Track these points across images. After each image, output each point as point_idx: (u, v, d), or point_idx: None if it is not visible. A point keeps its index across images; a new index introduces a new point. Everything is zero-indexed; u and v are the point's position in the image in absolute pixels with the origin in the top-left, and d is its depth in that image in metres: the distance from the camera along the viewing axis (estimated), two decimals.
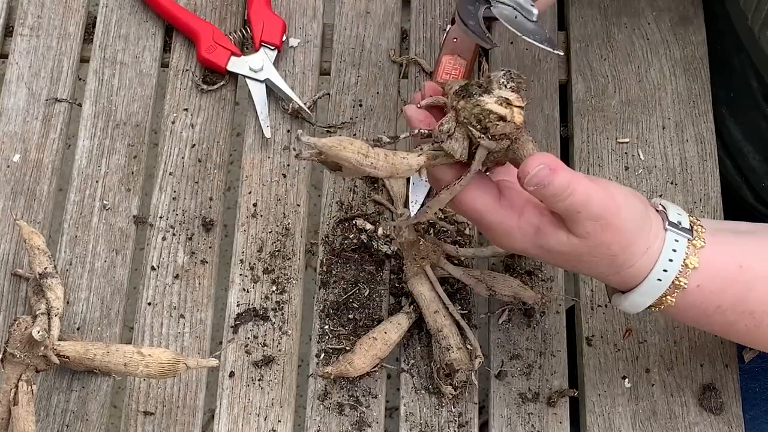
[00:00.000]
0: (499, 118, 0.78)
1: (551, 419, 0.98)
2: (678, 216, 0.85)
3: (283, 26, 1.14)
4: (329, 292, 1.03)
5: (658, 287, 0.83)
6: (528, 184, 0.78)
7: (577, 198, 0.78)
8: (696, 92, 1.12)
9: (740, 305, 0.85)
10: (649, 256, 0.83)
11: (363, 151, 0.79)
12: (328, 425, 0.98)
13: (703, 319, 0.86)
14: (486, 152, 0.80)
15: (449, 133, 0.80)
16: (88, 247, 1.04)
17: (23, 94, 1.11)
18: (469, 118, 0.79)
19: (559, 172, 0.78)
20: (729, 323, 0.86)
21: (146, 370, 0.87)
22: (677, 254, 0.83)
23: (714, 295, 0.84)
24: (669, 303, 0.84)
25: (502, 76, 0.80)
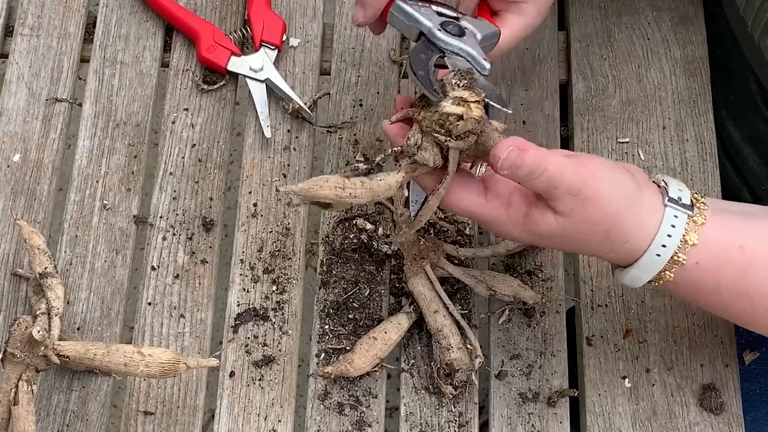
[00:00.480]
0: (458, 117, 0.80)
1: (551, 419, 0.98)
2: (679, 192, 0.85)
3: (284, 26, 1.14)
4: (329, 292, 1.03)
5: (657, 262, 0.84)
6: (501, 167, 0.80)
7: (550, 172, 0.80)
8: (696, 92, 1.12)
9: (738, 286, 0.85)
10: (646, 230, 0.83)
11: (339, 185, 0.82)
12: (328, 425, 0.98)
13: (702, 297, 0.87)
14: (457, 153, 0.83)
15: (417, 144, 0.83)
16: (88, 247, 1.04)
17: (23, 94, 1.11)
18: (432, 126, 0.82)
19: (529, 150, 0.80)
20: (726, 304, 0.86)
21: (146, 370, 0.87)
22: (676, 230, 0.83)
23: (712, 274, 0.84)
24: (668, 278, 0.84)
25: (452, 78, 0.82)
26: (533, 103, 1.12)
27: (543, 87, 1.13)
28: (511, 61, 1.14)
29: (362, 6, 0.91)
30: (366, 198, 0.83)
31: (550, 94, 1.13)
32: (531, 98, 1.12)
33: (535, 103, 1.12)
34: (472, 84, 0.82)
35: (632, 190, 0.83)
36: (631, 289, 1.03)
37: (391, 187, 0.84)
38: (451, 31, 0.87)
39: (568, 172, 0.80)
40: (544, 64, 1.14)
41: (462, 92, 0.81)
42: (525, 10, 0.93)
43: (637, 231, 0.83)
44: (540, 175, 0.80)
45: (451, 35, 0.87)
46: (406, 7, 0.88)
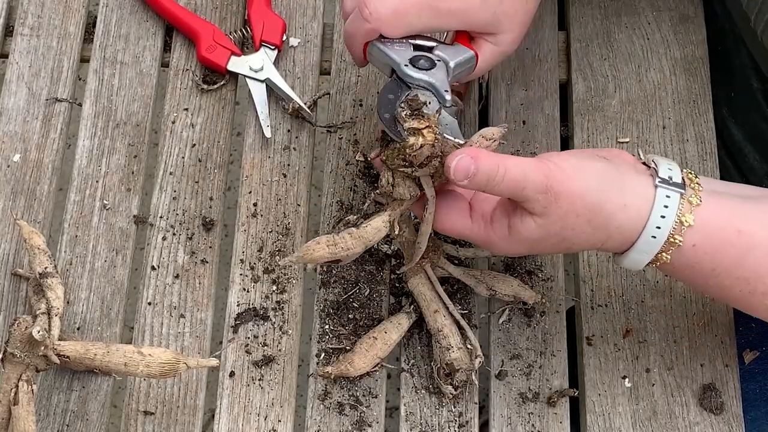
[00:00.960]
0: (413, 147, 0.83)
1: (551, 419, 0.98)
2: (669, 171, 0.85)
3: (284, 26, 1.14)
4: (329, 292, 1.03)
5: (653, 244, 0.84)
6: (455, 177, 0.81)
7: (512, 174, 0.81)
8: (696, 92, 1.12)
9: (736, 270, 0.84)
10: (634, 213, 0.83)
11: (331, 243, 0.87)
12: (328, 425, 0.98)
13: (700, 280, 0.87)
14: (428, 178, 0.86)
15: (390, 183, 0.86)
16: (88, 247, 1.04)
17: (23, 94, 1.11)
18: (395, 162, 0.85)
19: (481, 156, 0.81)
20: (724, 287, 0.86)
21: (146, 370, 0.87)
22: (669, 210, 0.83)
23: (709, 257, 0.84)
24: (665, 260, 0.84)
25: (401, 111, 0.85)
26: (533, 103, 1.12)
27: (543, 87, 1.13)
28: (511, 61, 1.14)
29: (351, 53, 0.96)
30: (359, 247, 0.88)
31: (550, 94, 1.13)
32: (531, 98, 1.12)
33: (535, 103, 1.12)
34: (419, 110, 0.84)
35: (606, 174, 0.83)
36: (631, 289, 1.03)
37: (379, 230, 0.88)
38: (420, 65, 0.90)
39: (529, 170, 0.81)
40: (544, 64, 1.14)
41: (411, 122, 0.84)
42: (500, 40, 0.94)
43: (623, 214, 0.83)
44: (502, 179, 0.80)
45: (419, 69, 0.89)
46: (380, 45, 0.92)
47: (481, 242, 0.88)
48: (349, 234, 0.88)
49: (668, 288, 1.03)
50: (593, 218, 0.83)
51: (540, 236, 0.84)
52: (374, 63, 0.94)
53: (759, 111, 1.08)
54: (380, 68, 0.94)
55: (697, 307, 1.02)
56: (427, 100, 0.87)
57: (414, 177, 0.86)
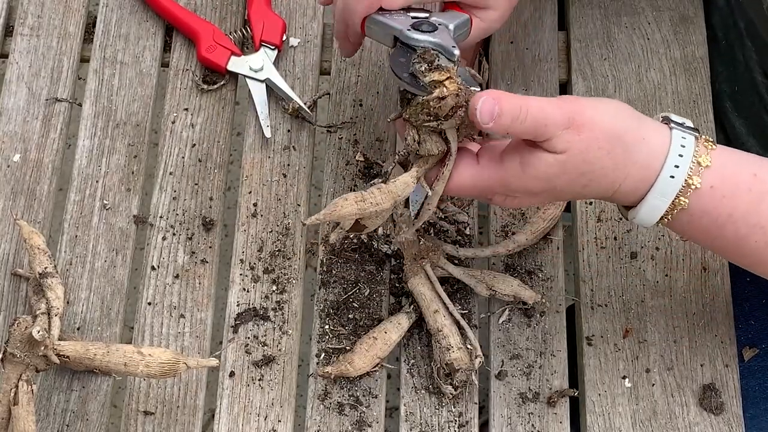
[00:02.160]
0: (438, 100, 0.82)
1: (551, 419, 0.98)
2: (681, 119, 0.86)
3: (284, 26, 1.14)
4: (329, 292, 1.03)
5: (672, 185, 0.83)
6: (481, 120, 0.81)
7: (534, 112, 0.80)
8: (696, 92, 1.12)
9: (752, 217, 0.84)
10: (654, 149, 0.83)
11: (359, 198, 0.85)
12: (328, 425, 0.98)
13: (715, 230, 0.85)
14: (454, 131, 0.84)
15: (416, 140, 0.85)
16: (88, 247, 1.05)
17: (23, 94, 1.11)
18: (419, 118, 0.83)
19: (504, 97, 0.80)
20: (740, 236, 0.85)
21: (146, 370, 0.87)
22: (686, 150, 0.83)
23: (726, 200, 0.84)
24: (683, 205, 0.83)
25: (419, 66, 0.84)
26: None
27: (543, 87, 1.13)
28: (511, 61, 1.14)
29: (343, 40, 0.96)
30: (388, 202, 0.85)
31: (550, 94, 1.13)
32: None
33: None
34: (437, 62, 0.84)
35: (624, 109, 0.84)
36: (631, 288, 1.03)
37: (408, 185, 0.86)
38: (423, 29, 0.89)
39: (551, 107, 0.81)
40: (544, 64, 1.14)
41: (432, 75, 0.83)
42: (486, 16, 0.95)
43: (643, 148, 0.83)
44: (525, 118, 0.80)
45: (422, 32, 0.89)
46: (379, 17, 0.92)
47: (497, 187, 0.86)
48: (378, 189, 0.85)
49: (668, 288, 1.03)
50: (613, 149, 0.82)
51: (557, 172, 0.83)
52: (374, 36, 0.93)
53: (763, 105, 1.08)
54: (381, 40, 0.93)
55: (697, 307, 1.03)
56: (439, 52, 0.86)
57: (440, 131, 0.84)
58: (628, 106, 0.85)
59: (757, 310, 1.10)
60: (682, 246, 1.05)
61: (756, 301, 1.10)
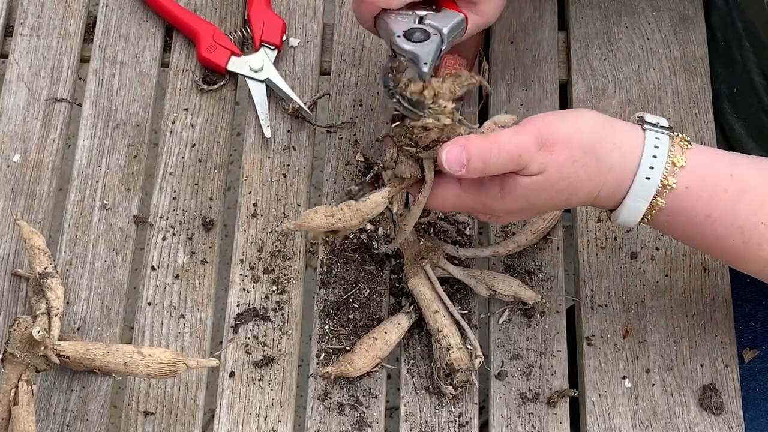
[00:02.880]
0: (422, 129, 0.83)
1: (551, 419, 0.98)
2: (656, 119, 0.86)
3: (283, 26, 1.14)
4: (329, 292, 1.03)
5: (648, 186, 0.83)
6: (450, 169, 0.82)
7: (507, 147, 0.81)
8: (696, 92, 1.12)
9: (729, 216, 0.85)
10: (628, 153, 0.83)
11: (328, 213, 0.87)
12: (328, 425, 0.98)
13: (693, 228, 0.86)
14: (431, 162, 0.85)
15: (393, 159, 0.86)
16: (88, 247, 1.05)
17: (23, 94, 1.11)
18: (402, 140, 0.85)
19: (471, 141, 0.81)
20: (718, 236, 0.86)
21: (146, 370, 0.87)
22: (660, 150, 0.83)
23: (703, 201, 0.84)
24: (660, 206, 0.84)
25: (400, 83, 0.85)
26: (533, 103, 1.12)
27: (543, 87, 1.13)
28: (511, 61, 1.14)
29: None
30: (356, 220, 0.87)
31: (550, 94, 1.13)
32: (531, 98, 1.12)
33: (535, 103, 1.12)
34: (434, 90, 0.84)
35: (594, 117, 0.84)
36: (631, 289, 1.03)
37: (378, 205, 0.88)
38: (415, 38, 0.90)
39: (520, 135, 0.81)
40: (544, 64, 1.14)
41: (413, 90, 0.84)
42: (481, 10, 0.95)
43: (615, 154, 0.83)
44: (498, 156, 0.81)
45: (411, 41, 0.90)
46: (386, 18, 0.92)
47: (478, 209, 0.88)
48: (347, 206, 0.88)
49: (668, 288, 1.03)
50: (587, 160, 0.83)
51: (536, 191, 0.84)
52: (382, 36, 0.95)
53: (761, 107, 1.08)
54: (384, 40, 0.94)
55: (697, 307, 1.03)
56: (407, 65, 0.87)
57: (417, 158, 0.86)
58: (596, 113, 0.85)
59: (758, 311, 1.10)
60: (682, 246, 1.05)
61: (756, 303, 1.10)
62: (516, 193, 0.84)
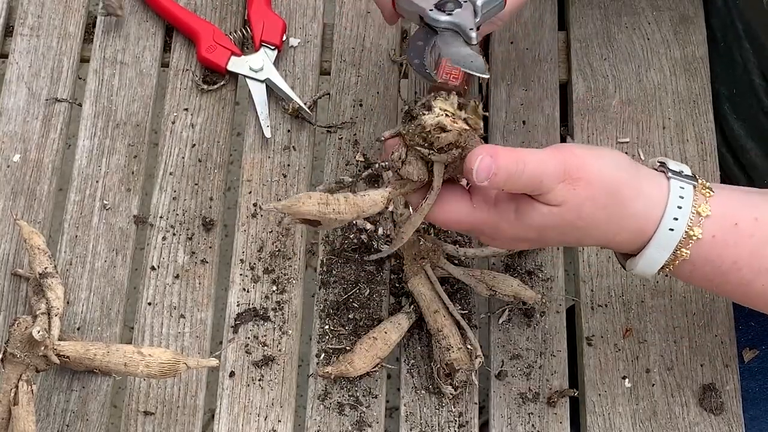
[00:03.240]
0: (440, 129, 0.78)
1: (551, 419, 0.98)
2: (679, 167, 0.83)
3: (284, 26, 1.14)
4: (329, 292, 1.03)
5: (672, 238, 0.81)
6: (477, 179, 0.78)
7: (531, 167, 0.78)
8: (696, 92, 1.12)
9: (757, 261, 0.82)
10: (650, 201, 0.81)
11: (322, 201, 0.80)
12: (328, 425, 0.98)
13: (719, 277, 0.83)
14: (442, 167, 0.81)
15: (402, 159, 0.81)
16: (88, 247, 1.05)
17: (23, 94, 1.11)
18: (415, 139, 0.79)
19: (500, 154, 0.77)
20: (746, 282, 0.83)
21: (146, 370, 0.87)
22: (685, 201, 0.81)
23: (729, 248, 0.82)
24: (684, 256, 0.81)
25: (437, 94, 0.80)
26: (533, 103, 1.12)
27: (543, 87, 1.13)
28: (511, 61, 1.14)
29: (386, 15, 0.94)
30: (351, 214, 0.81)
31: (550, 94, 1.13)
32: (531, 98, 1.12)
33: (535, 103, 1.12)
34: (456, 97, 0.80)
35: (621, 159, 0.81)
36: (631, 289, 1.03)
37: (376, 204, 0.82)
38: (447, 8, 0.86)
39: (548, 160, 0.78)
40: (544, 64, 1.14)
41: (444, 103, 0.79)
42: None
43: (640, 202, 0.80)
44: (521, 175, 0.77)
45: (443, 12, 0.86)
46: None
47: (484, 228, 0.83)
48: (344, 198, 0.81)
49: (668, 288, 1.03)
50: (610, 203, 0.80)
51: (553, 224, 0.81)
52: (403, 14, 0.91)
53: (761, 107, 1.08)
54: (410, 18, 0.91)
55: (697, 307, 1.02)
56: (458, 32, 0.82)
57: (428, 160, 0.81)
58: (624, 156, 0.82)
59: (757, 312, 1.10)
60: None
61: None
62: (531, 220, 0.81)
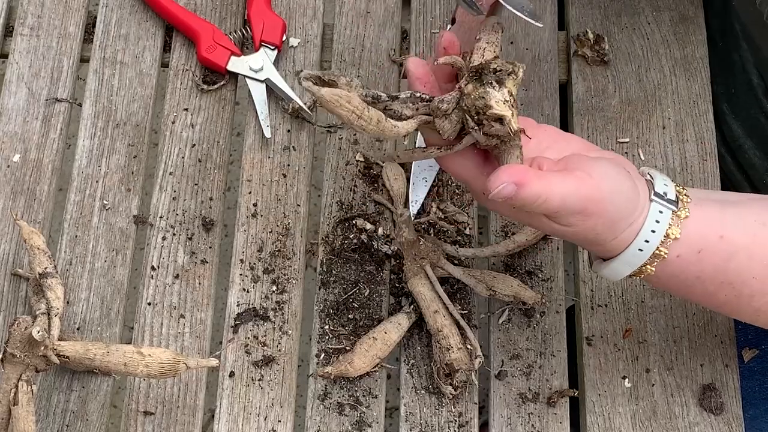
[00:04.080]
0: (497, 119, 0.76)
1: (551, 419, 0.98)
2: (665, 187, 0.84)
3: (284, 26, 1.14)
4: (329, 292, 1.03)
5: (639, 257, 0.83)
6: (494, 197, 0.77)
7: (552, 203, 0.78)
8: (696, 92, 1.12)
9: (720, 276, 0.84)
10: (633, 228, 0.82)
11: (357, 112, 0.77)
12: (328, 425, 0.98)
13: (683, 288, 0.86)
14: (472, 139, 0.79)
15: (445, 111, 0.79)
16: (88, 247, 1.05)
17: (23, 94, 1.11)
18: (470, 107, 0.77)
19: (527, 186, 0.77)
20: (709, 293, 0.86)
21: (146, 370, 0.87)
22: (660, 225, 0.82)
23: (693, 266, 0.84)
24: (649, 272, 0.84)
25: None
26: (533, 103, 1.12)
27: (543, 87, 1.13)
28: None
29: None
30: (373, 133, 0.79)
31: (550, 94, 1.13)
32: (531, 98, 1.12)
33: (535, 103, 1.12)
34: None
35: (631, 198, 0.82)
36: (631, 289, 1.03)
37: (399, 134, 0.80)
38: None
39: (570, 196, 0.78)
40: (544, 64, 1.14)
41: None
42: None
43: (626, 230, 0.83)
44: (540, 205, 0.78)
45: None
46: None
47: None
48: (377, 120, 0.78)
49: None
50: (605, 232, 0.82)
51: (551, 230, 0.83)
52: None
53: (759, 107, 1.08)
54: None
55: (697, 307, 1.02)
56: None
57: (467, 129, 0.79)
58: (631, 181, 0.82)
59: None
60: None
61: None
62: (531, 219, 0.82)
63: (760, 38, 1.04)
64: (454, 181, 1.08)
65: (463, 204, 1.07)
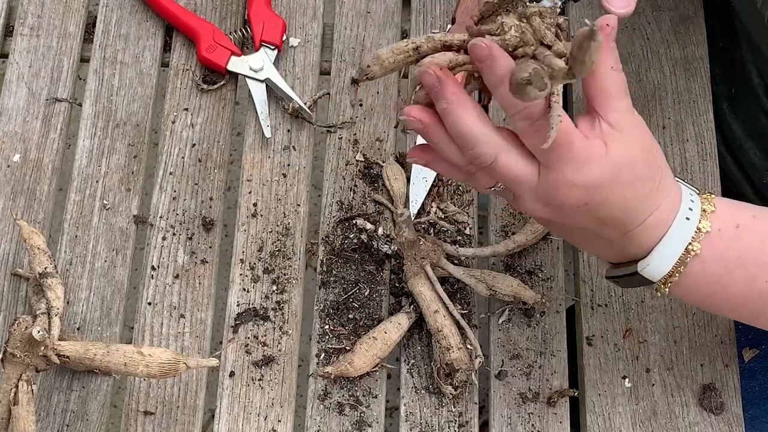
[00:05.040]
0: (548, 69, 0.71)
1: (551, 419, 0.98)
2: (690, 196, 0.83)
3: (284, 26, 1.14)
4: (329, 292, 1.03)
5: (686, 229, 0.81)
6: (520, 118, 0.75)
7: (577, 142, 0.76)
8: (696, 92, 1.12)
9: (760, 255, 0.83)
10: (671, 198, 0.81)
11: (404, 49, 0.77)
12: (328, 425, 0.98)
13: (727, 276, 0.83)
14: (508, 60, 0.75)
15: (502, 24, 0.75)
16: (88, 247, 1.05)
17: (23, 94, 1.11)
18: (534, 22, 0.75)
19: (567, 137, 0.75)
20: (751, 278, 0.83)
21: (146, 370, 0.87)
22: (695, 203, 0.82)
23: (733, 242, 0.82)
24: (696, 251, 0.81)
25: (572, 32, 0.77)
26: None
27: None
28: None
29: None
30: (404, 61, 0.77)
31: None
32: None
33: None
34: None
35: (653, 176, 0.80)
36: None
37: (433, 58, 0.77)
38: None
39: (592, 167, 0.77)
40: None
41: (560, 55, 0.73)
42: None
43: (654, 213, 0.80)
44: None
45: None
46: None
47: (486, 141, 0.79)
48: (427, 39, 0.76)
49: None
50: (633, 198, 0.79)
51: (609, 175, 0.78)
52: None
53: (759, 107, 1.08)
54: None
55: (697, 307, 1.02)
56: None
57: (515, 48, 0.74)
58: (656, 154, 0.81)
59: None
60: None
61: None
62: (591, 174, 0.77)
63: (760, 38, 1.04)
64: (454, 181, 1.08)
65: (463, 204, 1.07)
